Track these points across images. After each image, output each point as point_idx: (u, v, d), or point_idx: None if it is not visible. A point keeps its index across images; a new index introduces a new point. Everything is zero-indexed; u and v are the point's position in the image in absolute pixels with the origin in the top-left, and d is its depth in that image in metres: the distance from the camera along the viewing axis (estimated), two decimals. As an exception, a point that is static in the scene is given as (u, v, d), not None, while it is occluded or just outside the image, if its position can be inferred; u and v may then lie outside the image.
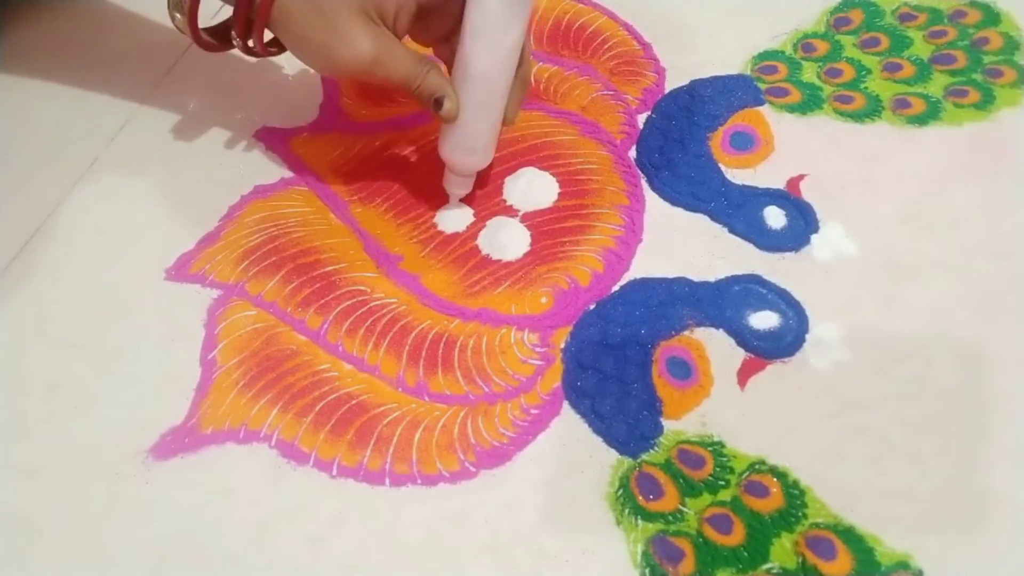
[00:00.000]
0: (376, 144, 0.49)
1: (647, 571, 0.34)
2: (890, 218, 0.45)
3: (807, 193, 0.46)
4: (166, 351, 0.41)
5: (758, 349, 0.40)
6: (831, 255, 0.44)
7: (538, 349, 0.41)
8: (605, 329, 0.41)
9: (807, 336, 0.41)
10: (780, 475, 0.37)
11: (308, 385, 0.40)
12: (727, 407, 0.39)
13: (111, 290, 0.43)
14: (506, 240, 0.45)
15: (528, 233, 0.45)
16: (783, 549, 0.35)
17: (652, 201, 0.46)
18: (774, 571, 0.34)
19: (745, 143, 0.48)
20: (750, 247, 0.44)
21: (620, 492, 0.37)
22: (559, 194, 0.47)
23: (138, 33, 0.55)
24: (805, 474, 0.37)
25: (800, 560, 0.34)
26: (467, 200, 0.46)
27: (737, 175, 0.47)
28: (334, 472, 0.37)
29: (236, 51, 0.42)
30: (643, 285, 0.43)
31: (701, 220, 0.45)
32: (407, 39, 0.41)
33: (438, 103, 0.40)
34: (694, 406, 0.39)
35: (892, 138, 0.48)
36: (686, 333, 0.41)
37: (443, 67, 0.42)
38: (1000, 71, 0.50)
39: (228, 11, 0.40)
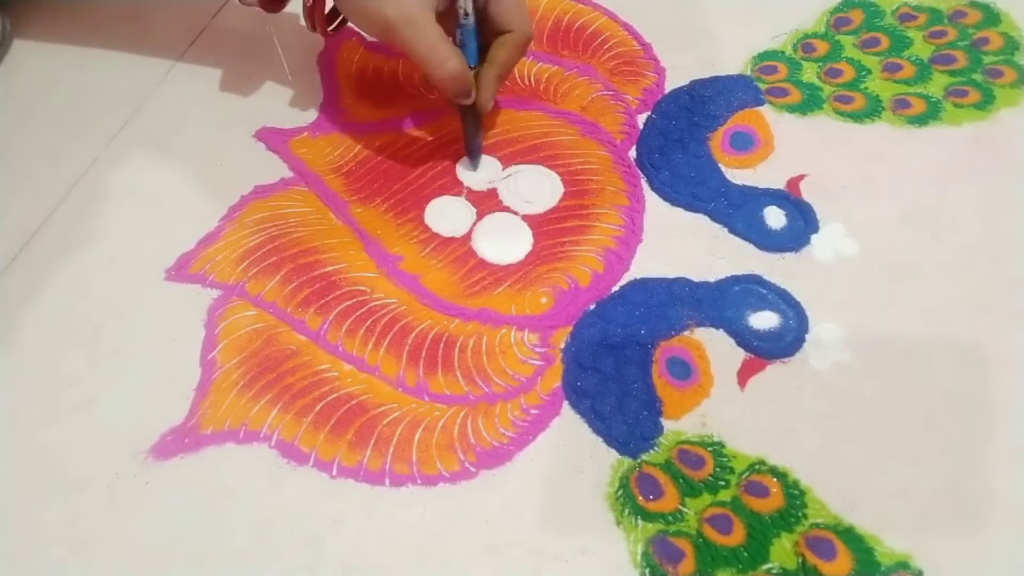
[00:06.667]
0: (376, 144, 0.49)
1: (647, 571, 0.34)
2: (890, 218, 0.45)
3: (807, 193, 0.46)
4: (166, 351, 0.41)
5: (758, 349, 0.40)
6: (831, 255, 0.44)
7: (538, 349, 0.41)
8: (605, 329, 0.41)
9: (807, 336, 0.41)
10: (780, 475, 0.37)
11: (308, 385, 0.40)
12: (727, 407, 0.39)
13: (111, 290, 0.43)
14: (507, 240, 0.45)
15: (530, 233, 0.45)
16: (783, 549, 0.35)
17: (652, 201, 0.46)
18: (774, 571, 0.34)
19: (745, 143, 0.48)
20: (750, 247, 0.44)
21: (620, 492, 0.37)
22: (560, 194, 0.47)
23: (139, 33, 0.55)
24: (805, 474, 0.37)
25: (800, 560, 0.34)
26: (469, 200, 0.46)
27: (737, 175, 0.47)
28: (334, 472, 0.37)
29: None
30: (643, 285, 0.43)
31: (701, 220, 0.45)
32: None
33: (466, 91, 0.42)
34: (694, 406, 0.39)
35: (892, 138, 0.48)
36: (686, 333, 0.41)
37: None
38: (1000, 71, 0.50)
39: None
